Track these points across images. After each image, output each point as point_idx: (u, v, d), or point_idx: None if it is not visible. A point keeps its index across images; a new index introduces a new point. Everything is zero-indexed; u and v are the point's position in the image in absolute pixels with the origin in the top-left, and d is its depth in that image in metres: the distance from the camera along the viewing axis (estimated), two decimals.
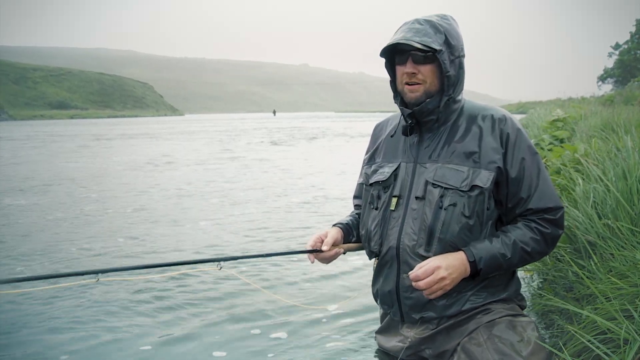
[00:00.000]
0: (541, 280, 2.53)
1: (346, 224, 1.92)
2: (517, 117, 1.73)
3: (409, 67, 1.60)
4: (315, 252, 1.77)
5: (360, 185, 1.97)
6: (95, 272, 1.56)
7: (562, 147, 4.09)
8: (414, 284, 1.52)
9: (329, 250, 1.77)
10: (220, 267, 1.73)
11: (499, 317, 1.56)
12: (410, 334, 1.68)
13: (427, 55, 1.58)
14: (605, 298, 1.55)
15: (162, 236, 4.31)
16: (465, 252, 1.54)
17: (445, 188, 1.57)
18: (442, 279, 1.49)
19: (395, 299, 1.69)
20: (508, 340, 1.47)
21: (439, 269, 1.49)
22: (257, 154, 12.81)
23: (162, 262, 1.73)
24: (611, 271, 1.72)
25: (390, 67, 1.72)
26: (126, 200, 6.28)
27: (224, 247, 3.92)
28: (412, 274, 1.51)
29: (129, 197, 6.52)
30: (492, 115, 1.65)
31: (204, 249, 3.86)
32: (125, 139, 21.31)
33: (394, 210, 1.67)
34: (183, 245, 3.97)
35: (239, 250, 3.82)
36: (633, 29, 49.63)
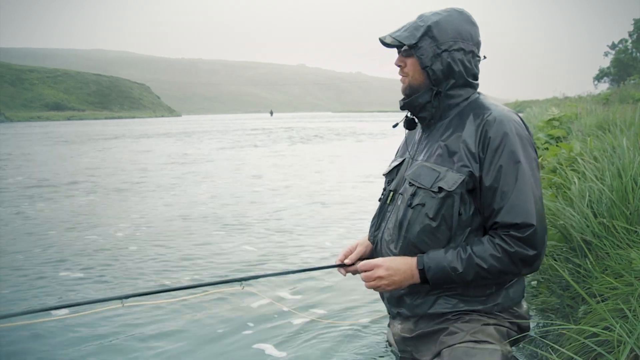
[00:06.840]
0: (538, 279, 2.52)
1: None
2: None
3: (397, 60, 1.65)
4: (340, 267, 1.79)
5: None
6: (120, 298, 1.62)
7: (558, 146, 4.09)
8: None
9: (353, 264, 1.77)
10: (243, 287, 1.78)
11: (459, 343, 1.46)
12: (397, 329, 1.70)
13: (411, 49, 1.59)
14: (600, 297, 1.55)
15: None
16: (417, 259, 1.52)
17: (418, 187, 1.55)
18: (379, 277, 1.53)
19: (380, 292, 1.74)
20: None
21: (379, 268, 1.54)
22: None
23: (182, 285, 1.75)
24: (606, 270, 1.72)
25: None
26: None
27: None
28: (354, 266, 1.63)
29: None
30: (484, 116, 1.52)
31: None
32: (62, 143, 17.49)
33: (388, 204, 1.70)
34: None
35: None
36: (631, 28, 49.77)
